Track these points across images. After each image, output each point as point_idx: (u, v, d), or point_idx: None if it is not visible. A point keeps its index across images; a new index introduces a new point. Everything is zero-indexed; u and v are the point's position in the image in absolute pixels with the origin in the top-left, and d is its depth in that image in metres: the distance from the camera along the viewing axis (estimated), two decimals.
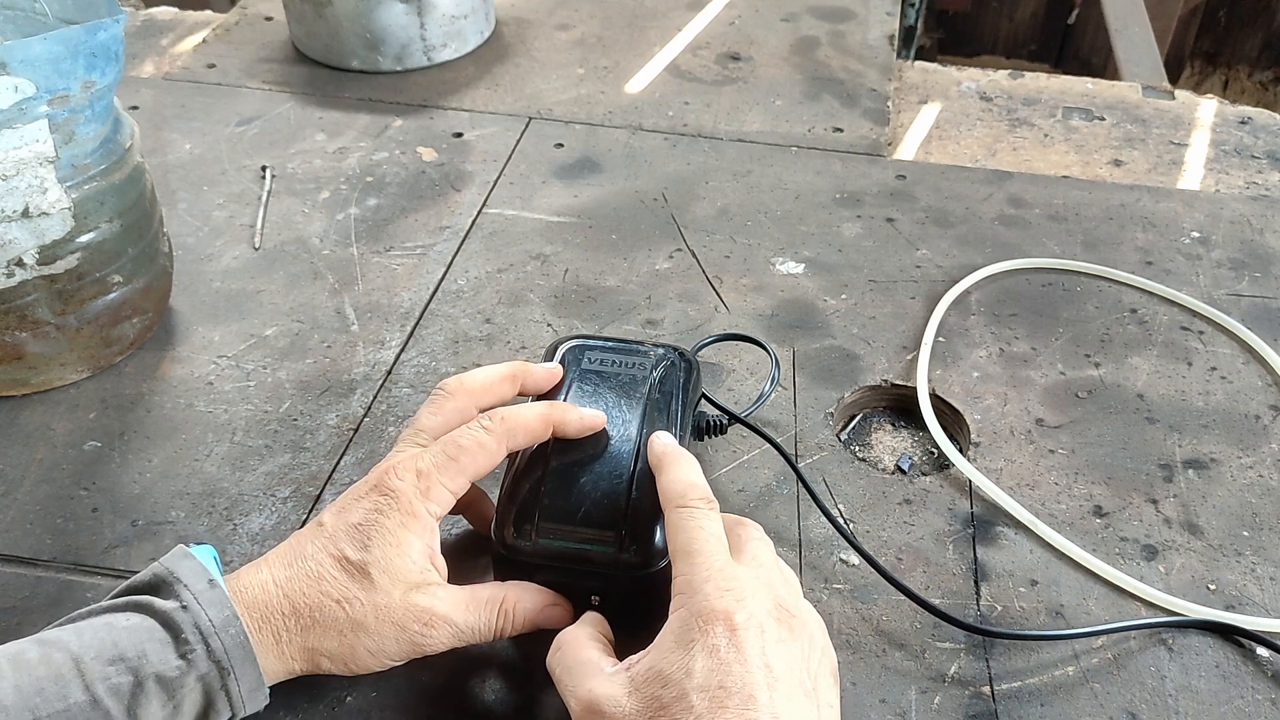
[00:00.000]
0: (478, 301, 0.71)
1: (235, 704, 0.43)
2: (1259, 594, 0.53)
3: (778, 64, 1.01)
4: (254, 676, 0.43)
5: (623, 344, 0.57)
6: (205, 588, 0.43)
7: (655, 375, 0.55)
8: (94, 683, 0.40)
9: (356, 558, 0.44)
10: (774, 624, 0.41)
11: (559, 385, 0.54)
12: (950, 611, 0.51)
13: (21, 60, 0.52)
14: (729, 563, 0.43)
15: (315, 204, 0.81)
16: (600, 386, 0.54)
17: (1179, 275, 0.74)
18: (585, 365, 0.55)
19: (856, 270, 0.74)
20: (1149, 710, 0.48)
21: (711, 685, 0.38)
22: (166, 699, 0.41)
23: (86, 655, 0.41)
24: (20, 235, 0.57)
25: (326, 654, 0.44)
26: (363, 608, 0.44)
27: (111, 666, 0.41)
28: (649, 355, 0.56)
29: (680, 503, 0.45)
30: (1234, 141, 0.90)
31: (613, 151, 0.87)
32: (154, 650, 0.41)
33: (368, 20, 0.94)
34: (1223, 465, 0.60)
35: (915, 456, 0.62)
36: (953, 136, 0.91)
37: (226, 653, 0.42)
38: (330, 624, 0.44)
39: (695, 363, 0.56)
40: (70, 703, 0.40)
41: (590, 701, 0.40)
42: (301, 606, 0.44)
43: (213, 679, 0.42)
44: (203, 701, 0.42)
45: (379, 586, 0.44)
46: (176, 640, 0.42)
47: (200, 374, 0.65)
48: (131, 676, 0.41)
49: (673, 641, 0.40)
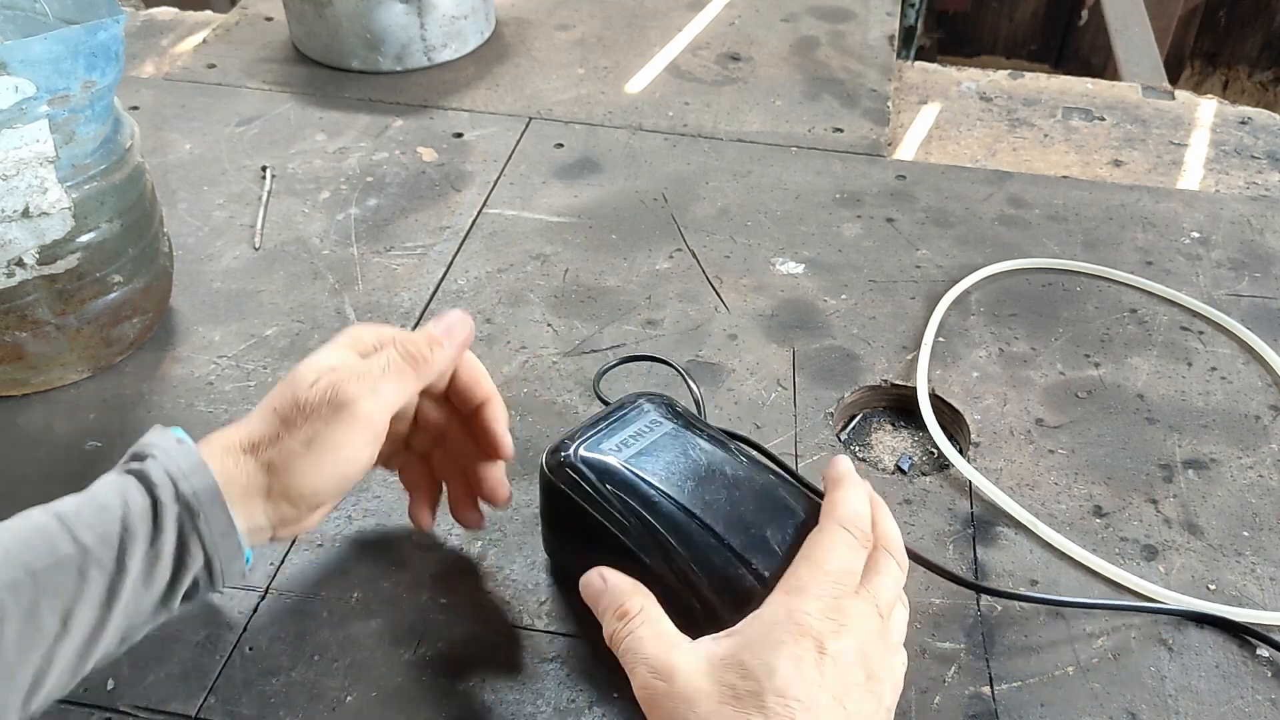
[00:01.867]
0: (478, 301, 0.71)
1: (209, 549, 0.43)
2: (1259, 594, 0.53)
3: (778, 64, 1.01)
4: (223, 519, 0.43)
5: (611, 415, 0.52)
6: (173, 444, 0.45)
7: (675, 419, 0.51)
8: (81, 533, 0.41)
9: (291, 371, 0.47)
10: (858, 667, 0.40)
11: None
12: (950, 611, 0.52)
13: (22, 60, 0.52)
14: (848, 595, 0.42)
15: (315, 204, 0.81)
16: (661, 456, 0.49)
17: (1179, 275, 0.74)
18: (624, 456, 0.48)
19: (856, 270, 0.74)
20: (1149, 710, 0.48)
21: (790, 694, 0.38)
22: (147, 543, 0.42)
23: (69, 512, 0.42)
24: (20, 235, 0.57)
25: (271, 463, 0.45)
26: (286, 405, 0.45)
27: (96, 518, 0.42)
28: (644, 408, 0.52)
29: (840, 522, 0.44)
30: (1234, 141, 0.90)
31: (613, 151, 0.88)
32: (132, 498, 0.43)
33: (368, 20, 0.94)
34: (1223, 465, 0.60)
35: (915, 456, 0.62)
36: (953, 136, 0.91)
37: (195, 495, 0.43)
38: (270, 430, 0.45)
39: (669, 397, 0.54)
40: (61, 555, 0.41)
41: (666, 670, 0.40)
42: (255, 427, 0.46)
43: (184, 520, 0.43)
44: (178, 543, 0.43)
45: (300, 381, 0.46)
46: (148, 486, 0.43)
47: (200, 374, 0.65)
48: (118, 524, 0.42)
49: (761, 636, 0.40)
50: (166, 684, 0.48)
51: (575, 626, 0.51)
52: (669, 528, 0.46)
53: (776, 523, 0.46)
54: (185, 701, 0.47)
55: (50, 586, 0.40)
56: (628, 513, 0.46)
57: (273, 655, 0.49)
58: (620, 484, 0.47)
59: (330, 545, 0.55)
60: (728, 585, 0.44)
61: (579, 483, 0.48)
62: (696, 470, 0.48)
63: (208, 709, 0.47)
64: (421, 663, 0.49)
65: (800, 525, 0.46)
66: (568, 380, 0.65)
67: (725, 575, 0.45)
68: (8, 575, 0.40)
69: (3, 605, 0.39)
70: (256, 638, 0.50)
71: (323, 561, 0.54)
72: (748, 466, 0.49)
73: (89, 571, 0.41)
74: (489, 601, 0.52)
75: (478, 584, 0.53)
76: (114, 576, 0.41)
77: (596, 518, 0.47)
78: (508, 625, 0.51)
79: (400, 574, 0.53)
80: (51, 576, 0.40)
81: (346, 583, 0.53)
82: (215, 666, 0.49)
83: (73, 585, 0.41)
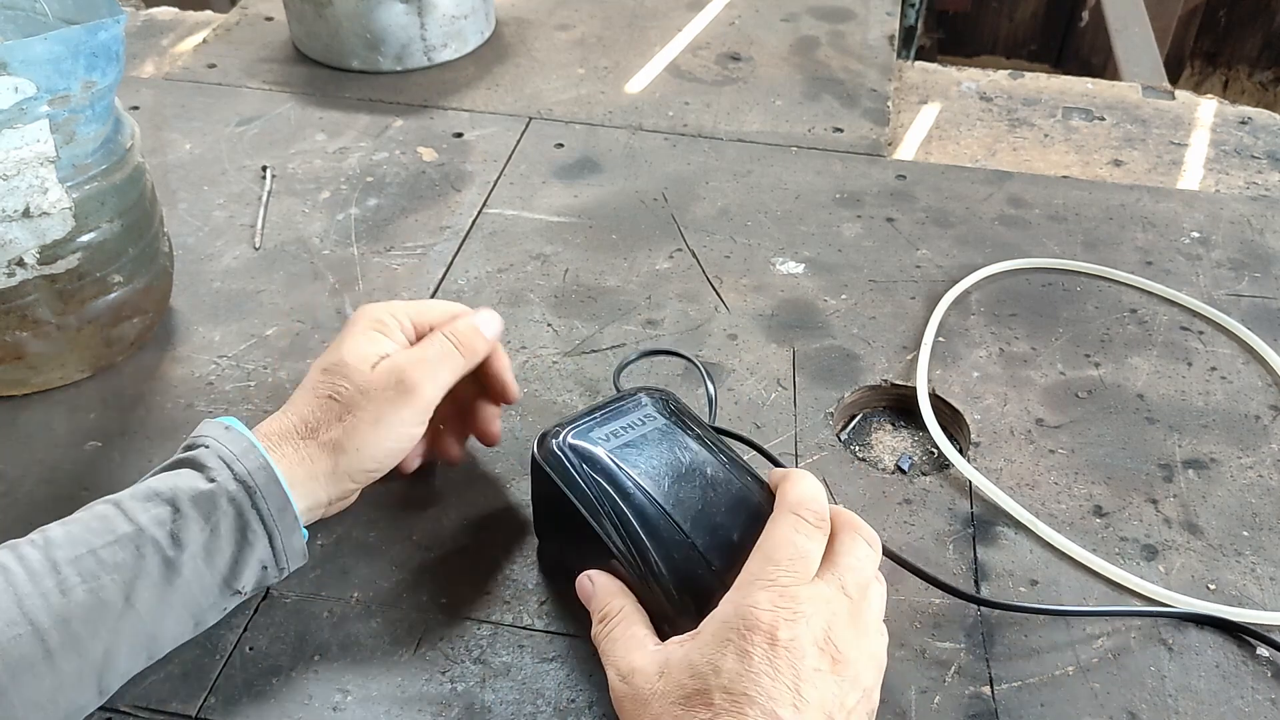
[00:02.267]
0: (478, 301, 0.71)
1: (269, 525, 0.46)
2: (1259, 594, 0.53)
3: (778, 64, 1.01)
4: (280, 496, 0.47)
5: (608, 406, 0.52)
6: (222, 431, 0.48)
7: (669, 414, 0.52)
8: (136, 515, 0.45)
9: (334, 359, 0.51)
10: (816, 652, 0.40)
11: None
12: (949, 611, 0.52)
13: (22, 60, 0.52)
14: (802, 583, 0.42)
15: (315, 204, 0.81)
16: (646, 450, 0.49)
17: (1179, 275, 0.74)
18: (610, 446, 0.49)
19: (856, 270, 0.74)
20: (1149, 710, 0.48)
21: (736, 690, 0.38)
22: (204, 521, 0.45)
23: (124, 499, 0.46)
24: (21, 235, 0.57)
25: (338, 444, 0.49)
26: (349, 391, 0.50)
27: (149, 502, 0.45)
28: (641, 401, 0.52)
29: (791, 509, 0.44)
30: (1234, 141, 0.90)
31: (613, 151, 0.88)
32: (184, 482, 0.46)
33: (368, 20, 0.94)
34: (1223, 465, 0.60)
35: (915, 456, 0.62)
36: (953, 136, 0.91)
37: (250, 475, 0.46)
38: (331, 415, 0.50)
39: (671, 394, 0.54)
40: (119, 534, 0.44)
41: (628, 671, 0.42)
42: (306, 415, 0.50)
43: (241, 499, 0.46)
44: (238, 522, 0.46)
45: (353, 369, 0.50)
46: (203, 470, 0.47)
47: (200, 374, 0.65)
48: (169, 506, 0.45)
49: (710, 635, 0.41)
50: (166, 684, 0.48)
51: (575, 626, 0.51)
52: (638, 518, 0.47)
53: (747, 527, 0.46)
54: (185, 701, 0.47)
55: (111, 563, 0.43)
56: (602, 498, 0.47)
57: (273, 655, 0.49)
58: (600, 471, 0.48)
59: (330, 545, 0.55)
60: (687, 581, 0.45)
61: (563, 465, 0.49)
62: (677, 468, 0.49)
63: (208, 709, 0.47)
64: (421, 663, 0.49)
65: None
66: (568, 380, 0.65)
67: (686, 572, 0.45)
68: (72, 553, 0.43)
69: (68, 579, 0.43)
70: (256, 638, 0.50)
71: (323, 561, 0.54)
72: (730, 470, 0.49)
73: (145, 548, 0.44)
74: (489, 601, 0.52)
75: (478, 584, 0.53)
76: (170, 553, 0.44)
77: (573, 500, 0.48)
78: (508, 625, 0.51)
79: (400, 574, 0.53)
80: (111, 552, 0.44)
81: (346, 583, 0.53)
82: (215, 666, 0.49)
83: (131, 561, 0.44)
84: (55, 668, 0.42)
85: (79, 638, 0.42)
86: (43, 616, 0.42)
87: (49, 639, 0.42)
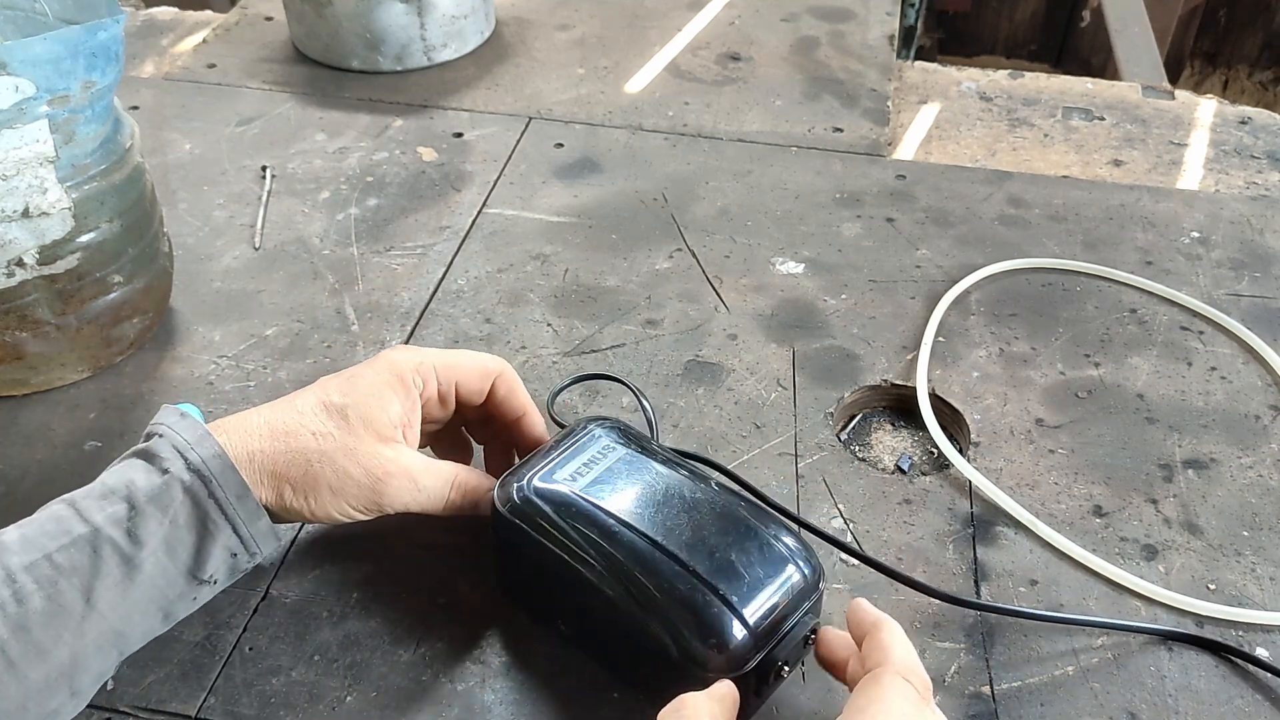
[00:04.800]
0: (478, 301, 0.71)
1: (229, 513, 0.45)
2: (1259, 594, 0.53)
3: (778, 64, 1.01)
4: (237, 483, 0.45)
5: (562, 443, 0.50)
6: (177, 419, 0.47)
7: (628, 444, 0.50)
8: (91, 514, 0.43)
9: (338, 401, 0.48)
10: None
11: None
12: (949, 611, 0.52)
13: (22, 60, 0.52)
14: None
15: (315, 204, 0.81)
16: (617, 483, 0.48)
17: (1179, 275, 0.74)
18: (580, 486, 0.47)
19: (856, 270, 0.74)
20: (1149, 710, 0.48)
21: None
22: (161, 516, 0.44)
23: (79, 498, 0.44)
24: (20, 235, 0.57)
25: (291, 481, 0.47)
26: (333, 442, 0.47)
27: (104, 499, 0.44)
28: (595, 434, 0.51)
29: (900, 671, 0.40)
30: (1234, 141, 0.90)
31: (613, 151, 0.88)
32: (139, 476, 0.44)
33: (368, 20, 0.94)
34: (1223, 465, 0.60)
35: (915, 456, 0.62)
36: (953, 136, 0.91)
37: (205, 463, 0.45)
38: (299, 450, 0.47)
39: (620, 420, 0.53)
40: (75, 535, 0.43)
41: None
42: (278, 429, 0.47)
43: (197, 488, 0.44)
44: (195, 512, 0.44)
45: (352, 428, 0.48)
46: (155, 461, 0.45)
47: (200, 374, 0.65)
48: (124, 503, 0.44)
49: None
50: (166, 684, 0.48)
51: None
52: (630, 557, 0.44)
53: (741, 545, 0.45)
54: (185, 701, 0.47)
55: (68, 566, 0.42)
56: (586, 545, 0.45)
57: (273, 655, 0.49)
58: (577, 515, 0.46)
59: (330, 545, 0.55)
60: (695, 612, 0.43)
61: (534, 516, 0.47)
62: (654, 495, 0.47)
63: (208, 709, 0.47)
64: (421, 663, 0.49)
65: (764, 546, 0.45)
66: (565, 381, 0.65)
67: (692, 602, 0.43)
68: (27, 558, 0.42)
69: (24, 587, 0.41)
70: (256, 638, 0.50)
71: (323, 561, 0.54)
72: (706, 488, 0.48)
73: (102, 549, 0.43)
74: (489, 602, 0.52)
75: (477, 584, 0.53)
76: (128, 551, 0.43)
77: (555, 552, 0.46)
78: (508, 625, 0.51)
79: (400, 574, 0.53)
80: (67, 555, 0.42)
81: (346, 583, 0.53)
82: (215, 666, 0.49)
83: (89, 563, 0.43)
84: (20, 677, 0.41)
85: (41, 645, 0.41)
86: (1, 629, 0.40)
87: (9, 650, 0.40)
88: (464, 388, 0.52)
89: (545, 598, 0.50)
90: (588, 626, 0.48)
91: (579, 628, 0.49)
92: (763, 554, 0.45)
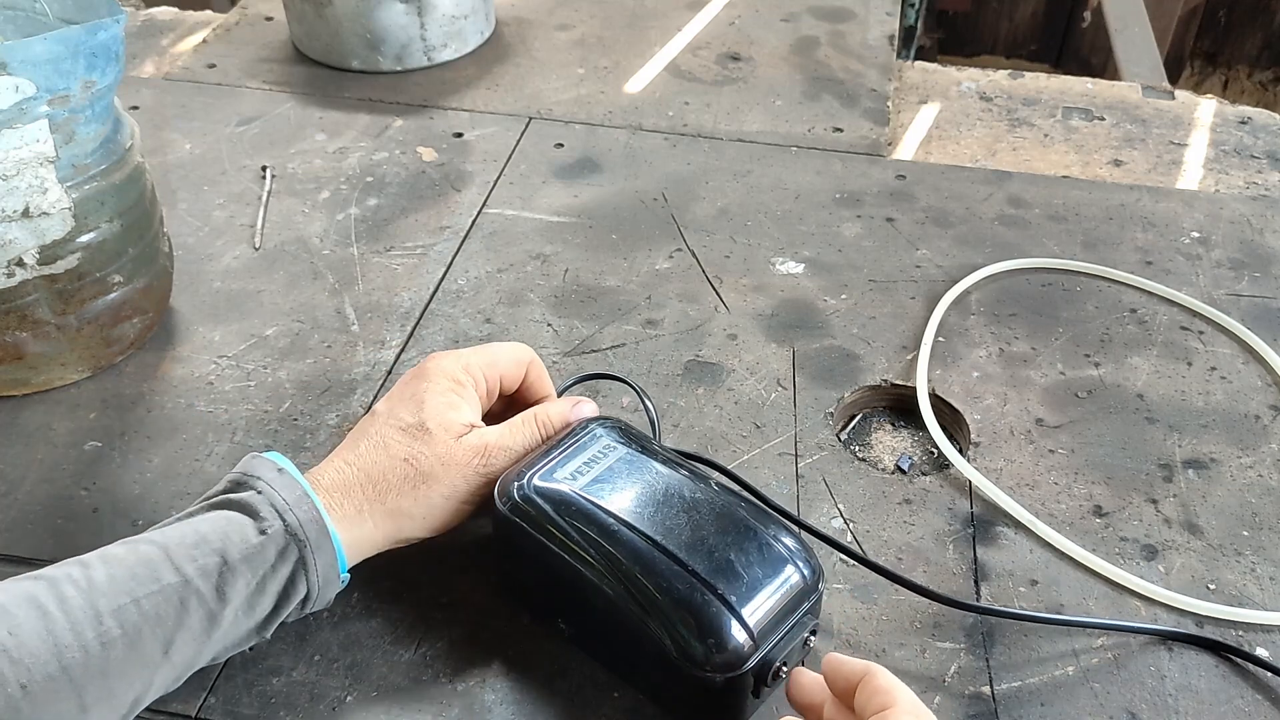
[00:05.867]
0: (478, 301, 0.71)
1: (311, 580, 0.46)
2: (1259, 594, 0.53)
3: (778, 64, 1.01)
4: (329, 551, 0.46)
5: (563, 443, 0.51)
6: (275, 475, 0.47)
7: (628, 443, 0.51)
8: (183, 564, 0.43)
9: (414, 419, 0.50)
10: None
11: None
12: (949, 611, 0.52)
13: (22, 60, 0.52)
14: None
15: (315, 204, 0.81)
16: (618, 482, 0.48)
17: (1179, 275, 0.74)
18: (580, 485, 0.48)
19: (856, 270, 0.74)
20: (1149, 710, 0.48)
21: None
22: (251, 575, 0.44)
23: (172, 544, 0.44)
24: (20, 235, 0.57)
25: (406, 511, 0.48)
26: (428, 459, 0.49)
27: (197, 549, 0.44)
28: (596, 434, 0.51)
29: (910, 711, 0.40)
30: (1234, 141, 0.90)
31: (613, 151, 0.88)
32: (235, 531, 0.44)
33: (368, 20, 0.94)
34: (1223, 465, 0.60)
35: (915, 456, 0.62)
36: (952, 136, 0.91)
37: (302, 527, 0.45)
38: (403, 481, 0.48)
39: (621, 420, 0.53)
40: (164, 584, 0.42)
41: None
42: (375, 474, 0.48)
43: (291, 554, 0.45)
44: (287, 575, 0.45)
45: (437, 438, 0.49)
46: (255, 519, 0.45)
47: (200, 374, 0.65)
48: (218, 557, 0.43)
49: None
50: None
51: None
52: (630, 556, 0.45)
53: (740, 545, 0.45)
54: (185, 701, 0.47)
55: (154, 615, 0.42)
56: (586, 544, 0.45)
57: (273, 655, 0.49)
58: (577, 514, 0.46)
59: None
60: (694, 612, 0.43)
61: (534, 515, 0.47)
62: (654, 495, 0.47)
63: (208, 709, 0.47)
64: (421, 663, 0.49)
65: (764, 546, 0.45)
66: (568, 380, 0.65)
67: (691, 602, 0.43)
68: (115, 602, 0.42)
69: (110, 632, 0.41)
70: None
71: None
72: (706, 488, 0.48)
73: (189, 602, 0.43)
74: (489, 601, 0.52)
75: (478, 584, 0.53)
76: (214, 606, 0.43)
77: (555, 551, 0.46)
78: (508, 625, 0.51)
79: (400, 574, 0.53)
80: (155, 604, 0.42)
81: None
82: (215, 667, 0.49)
83: (174, 614, 0.43)
84: (85, 715, 0.41)
85: (114, 691, 0.41)
86: (79, 671, 0.40)
87: (85, 694, 0.40)
88: (507, 379, 0.55)
89: (545, 597, 0.50)
90: (587, 626, 0.48)
91: (579, 627, 0.49)
92: (762, 554, 0.45)
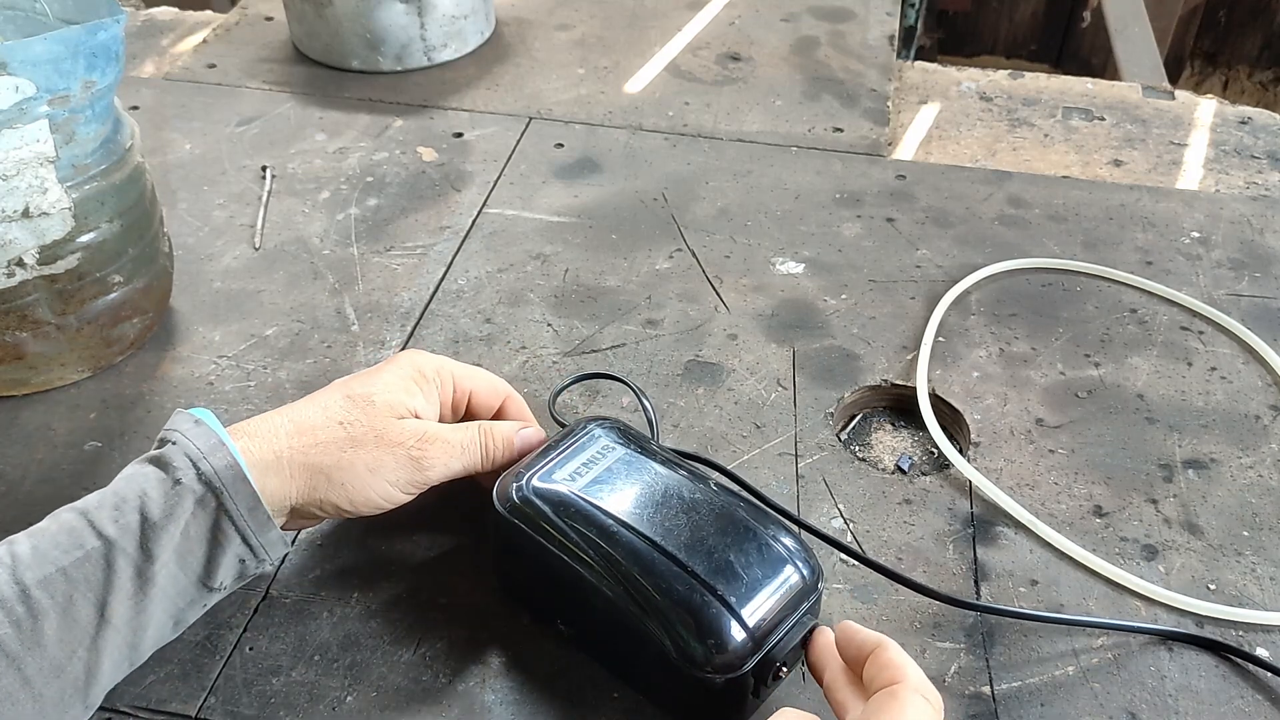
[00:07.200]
0: (478, 301, 0.71)
1: (240, 526, 0.45)
2: (1259, 594, 0.53)
3: (778, 64, 1.01)
4: (249, 494, 0.45)
5: (561, 443, 0.51)
6: (191, 426, 0.46)
7: (627, 444, 0.50)
8: (104, 526, 0.43)
9: (362, 391, 0.49)
10: None
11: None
12: (949, 611, 0.52)
13: (22, 60, 0.52)
14: None
15: (315, 204, 0.81)
16: (616, 483, 0.48)
17: (1179, 275, 0.74)
18: (579, 486, 0.48)
19: (856, 270, 0.74)
20: (1149, 710, 0.48)
21: None
22: (173, 527, 0.43)
23: (91, 508, 0.44)
24: (20, 235, 0.57)
25: (324, 469, 0.47)
26: (362, 427, 0.48)
27: (117, 510, 0.43)
28: (594, 434, 0.51)
29: (919, 690, 0.40)
30: (1234, 141, 0.90)
31: (613, 151, 0.88)
32: (151, 487, 0.44)
33: (368, 20, 0.94)
34: (1223, 465, 0.60)
35: (915, 456, 0.62)
36: (952, 136, 0.91)
37: (217, 474, 0.44)
38: (331, 441, 0.47)
39: (619, 420, 0.53)
40: (88, 549, 0.42)
41: None
42: (304, 426, 0.48)
43: (208, 500, 0.44)
44: (207, 523, 0.44)
45: (378, 411, 0.48)
46: (167, 469, 0.44)
47: (200, 374, 0.65)
48: (138, 515, 0.43)
49: None
50: (166, 684, 0.48)
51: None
52: (629, 557, 0.45)
53: (740, 546, 0.45)
54: (185, 701, 0.47)
55: (81, 580, 0.42)
56: (585, 545, 0.45)
57: (273, 655, 0.49)
58: (576, 515, 0.46)
59: (330, 545, 0.55)
60: (693, 613, 0.43)
61: (533, 516, 0.47)
62: (653, 496, 0.47)
63: (208, 709, 0.47)
64: (421, 663, 0.49)
65: (763, 546, 0.45)
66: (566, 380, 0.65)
67: (690, 603, 0.43)
68: (40, 573, 0.42)
69: (39, 602, 0.41)
70: (256, 638, 0.50)
71: (323, 561, 0.54)
72: (705, 488, 0.48)
73: (116, 562, 0.43)
74: (489, 601, 0.52)
75: (478, 584, 0.53)
76: (141, 564, 0.43)
77: (554, 552, 0.46)
78: (508, 625, 0.51)
79: (400, 574, 0.53)
80: (80, 570, 0.42)
81: (346, 583, 0.53)
82: (215, 666, 0.49)
83: (102, 576, 0.42)
84: (35, 694, 0.41)
85: (56, 661, 0.41)
86: (15, 646, 0.40)
87: (25, 666, 0.40)
88: (478, 398, 0.54)
89: (545, 597, 0.50)
90: (587, 626, 0.48)
91: (579, 628, 0.49)
92: (761, 555, 0.45)
